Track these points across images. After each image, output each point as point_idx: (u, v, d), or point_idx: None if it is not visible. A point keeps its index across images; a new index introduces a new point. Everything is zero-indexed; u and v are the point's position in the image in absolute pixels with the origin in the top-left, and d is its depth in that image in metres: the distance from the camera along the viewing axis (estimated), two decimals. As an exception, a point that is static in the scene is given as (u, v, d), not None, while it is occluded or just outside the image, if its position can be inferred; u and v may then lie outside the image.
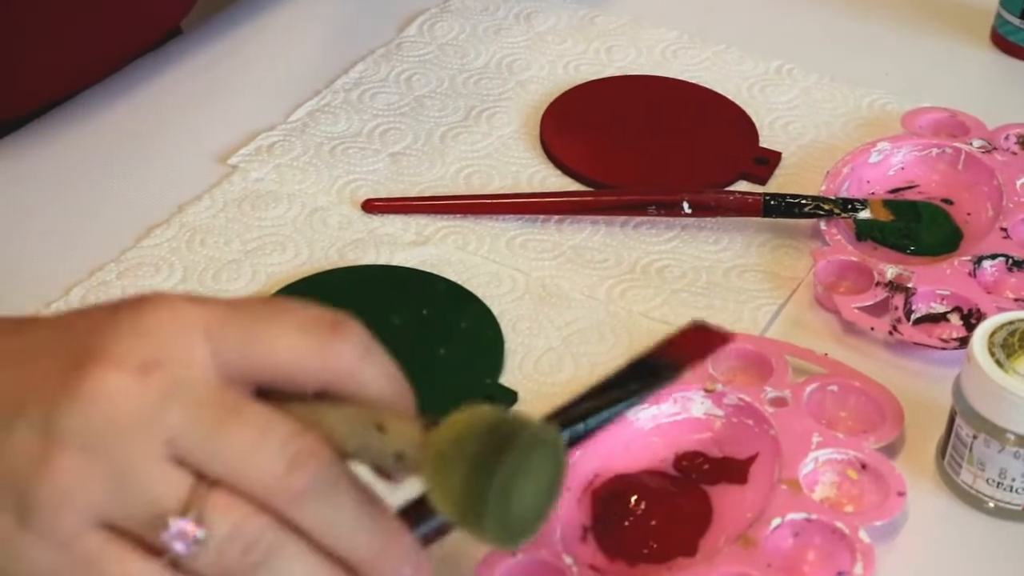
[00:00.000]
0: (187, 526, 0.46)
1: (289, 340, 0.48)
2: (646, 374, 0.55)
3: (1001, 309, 0.71)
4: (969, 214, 0.80)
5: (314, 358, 0.49)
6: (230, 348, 0.48)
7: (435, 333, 0.72)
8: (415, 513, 0.51)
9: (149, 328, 0.48)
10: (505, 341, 0.72)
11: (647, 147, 0.86)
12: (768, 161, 0.84)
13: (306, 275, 0.75)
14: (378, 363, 0.51)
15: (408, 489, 0.50)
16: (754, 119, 0.88)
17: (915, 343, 0.71)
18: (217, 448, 0.47)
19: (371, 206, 0.80)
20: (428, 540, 0.51)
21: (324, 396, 0.49)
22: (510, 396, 0.69)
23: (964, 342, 0.70)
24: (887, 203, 0.79)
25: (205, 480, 0.47)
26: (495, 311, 0.73)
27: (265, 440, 0.47)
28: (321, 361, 0.49)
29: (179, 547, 0.46)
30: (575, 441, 0.53)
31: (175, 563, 0.47)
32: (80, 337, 0.48)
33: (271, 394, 0.49)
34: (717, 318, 0.73)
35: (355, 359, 0.49)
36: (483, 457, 0.46)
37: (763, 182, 0.83)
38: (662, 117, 0.88)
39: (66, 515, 0.47)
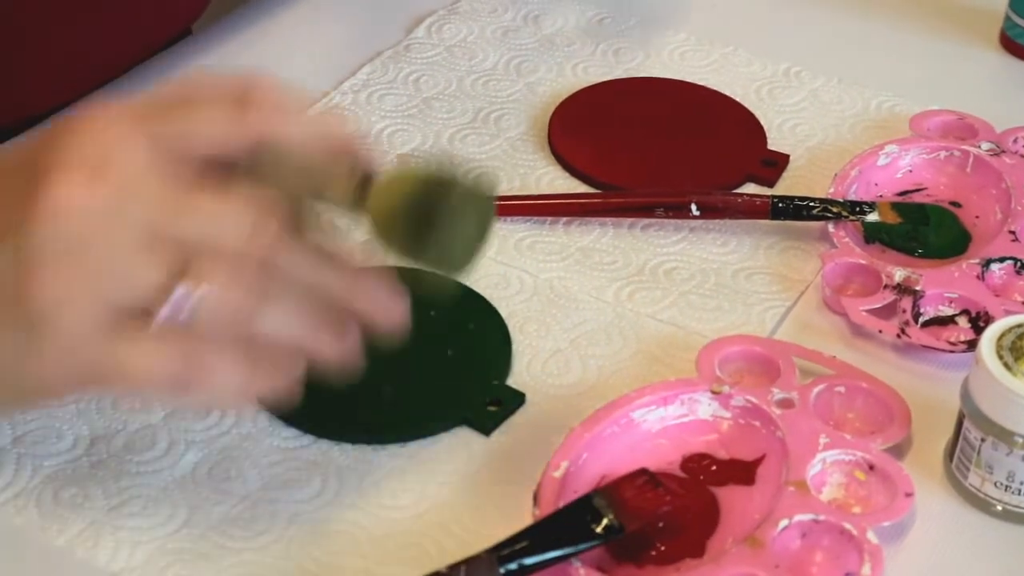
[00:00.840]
0: (180, 297, 0.52)
1: (208, 115, 0.54)
2: (586, 518, 0.60)
3: (1009, 312, 0.70)
4: (977, 217, 0.80)
5: (235, 125, 0.54)
6: (161, 136, 0.53)
7: (443, 334, 0.72)
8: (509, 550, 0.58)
9: (87, 139, 0.52)
10: (513, 342, 0.72)
11: (655, 149, 0.86)
12: (776, 163, 0.84)
13: None
14: (293, 114, 0.56)
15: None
16: (762, 121, 0.88)
17: (923, 346, 0.71)
18: (185, 224, 0.52)
19: (379, 207, 0.80)
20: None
21: (259, 167, 0.55)
22: (518, 398, 0.69)
23: (972, 345, 0.70)
24: (895, 206, 0.79)
25: (182, 257, 0.52)
26: (503, 313, 0.73)
27: (227, 207, 0.53)
28: (242, 126, 0.54)
29: (178, 317, 0.52)
30: None
31: (178, 333, 0.52)
32: (29, 169, 0.52)
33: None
34: (725, 320, 0.74)
35: (270, 116, 0.55)
36: (418, 225, 0.55)
37: (771, 184, 0.83)
38: (670, 119, 0.88)
39: (65, 321, 0.52)
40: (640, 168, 0.84)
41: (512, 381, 0.70)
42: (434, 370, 0.70)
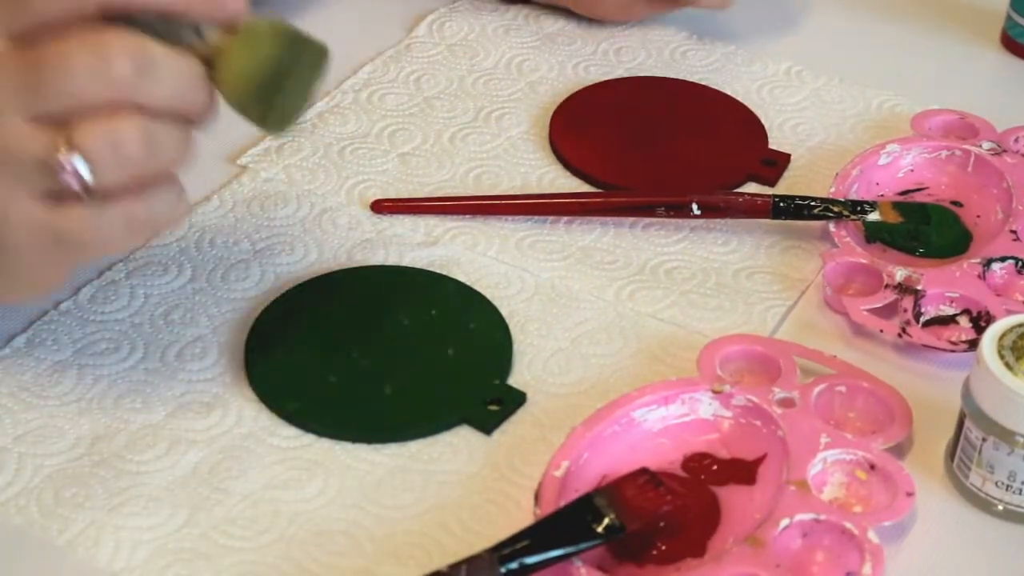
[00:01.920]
0: (64, 159, 0.55)
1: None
2: (587, 517, 0.60)
3: (1010, 312, 0.70)
4: (978, 216, 0.80)
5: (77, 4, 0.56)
6: (10, 23, 0.57)
7: (444, 334, 0.72)
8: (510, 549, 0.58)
9: None
10: (514, 342, 0.72)
11: (656, 148, 0.86)
12: (777, 163, 0.84)
13: (315, 275, 0.75)
14: None
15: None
16: (763, 121, 0.88)
17: (924, 345, 0.71)
18: (48, 90, 0.55)
19: (380, 207, 0.80)
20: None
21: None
22: (519, 397, 0.69)
23: (973, 344, 0.70)
24: (896, 205, 0.79)
25: (64, 120, 0.56)
26: (504, 312, 0.73)
27: (77, 58, 0.55)
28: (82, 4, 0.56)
29: (80, 180, 0.56)
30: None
31: (91, 193, 0.56)
32: None
33: None
34: (726, 320, 0.74)
35: None
36: (268, 91, 0.59)
37: (772, 184, 0.83)
38: (671, 118, 0.88)
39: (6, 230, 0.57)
40: (641, 167, 0.84)
41: (513, 380, 0.70)
42: (435, 369, 0.70)
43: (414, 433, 0.67)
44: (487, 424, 0.67)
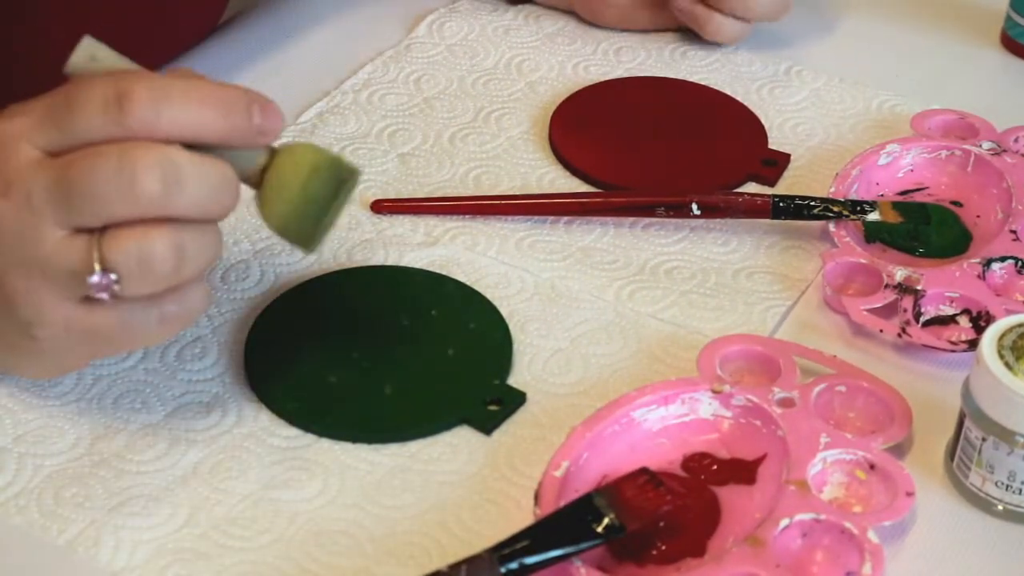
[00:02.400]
0: (96, 276, 0.57)
1: (92, 124, 0.57)
2: (587, 517, 0.60)
3: (1010, 311, 0.70)
4: (978, 216, 0.80)
5: (115, 128, 0.57)
6: (49, 141, 0.58)
7: (444, 334, 0.72)
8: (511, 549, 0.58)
9: None
10: (514, 342, 0.72)
11: (656, 149, 0.86)
12: (777, 163, 0.84)
13: (315, 275, 0.75)
14: (176, 106, 0.58)
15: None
16: (763, 120, 0.88)
17: (924, 345, 0.71)
18: (78, 205, 0.56)
19: (380, 207, 0.80)
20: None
21: None
22: (518, 397, 0.69)
23: (973, 344, 0.70)
24: (896, 205, 0.79)
25: (96, 233, 0.57)
26: (504, 312, 0.73)
27: (103, 174, 0.56)
28: (121, 131, 0.57)
29: (105, 293, 0.57)
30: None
31: (119, 300, 0.58)
32: None
33: None
34: (726, 320, 0.74)
35: (150, 120, 0.57)
36: (319, 200, 0.60)
37: (772, 184, 0.83)
38: (671, 119, 0.88)
39: (41, 316, 0.59)
40: (641, 168, 0.84)
41: (513, 380, 0.70)
42: (435, 370, 0.70)
43: (414, 433, 0.67)
44: (487, 424, 0.67)
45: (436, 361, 0.70)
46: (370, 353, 0.70)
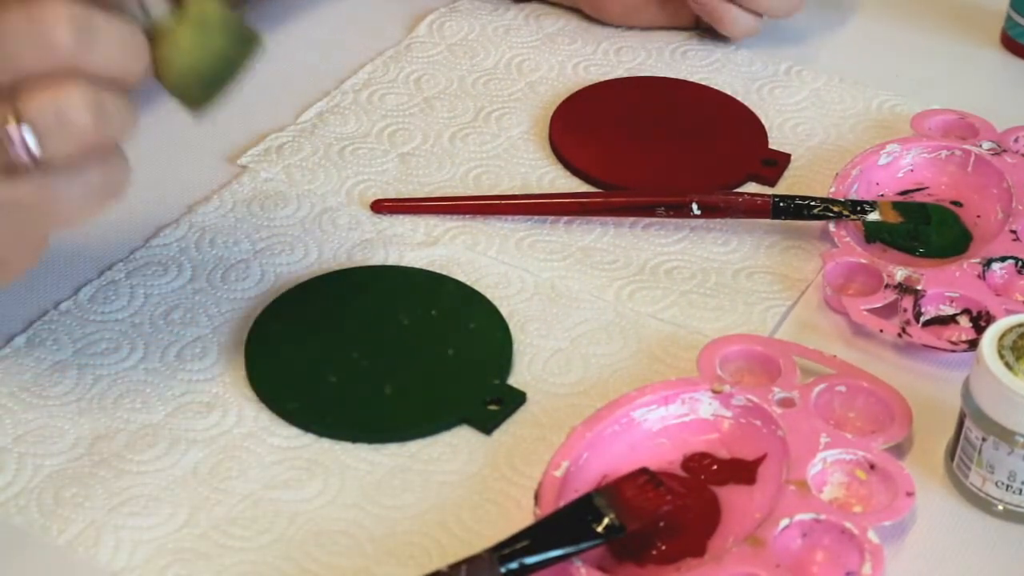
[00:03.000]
0: (13, 131, 0.55)
1: None
2: (587, 517, 0.60)
3: (1010, 311, 0.70)
4: (978, 216, 0.80)
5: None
6: None
7: (444, 333, 0.72)
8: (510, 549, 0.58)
9: None
10: (514, 341, 0.72)
11: (656, 148, 0.86)
12: (777, 163, 0.84)
13: (315, 275, 0.75)
14: None
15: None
16: (763, 120, 0.88)
17: (924, 345, 0.71)
18: None
19: (380, 207, 0.80)
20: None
21: None
22: (519, 397, 0.69)
23: (973, 344, 0.70)
24: (896, 205, 0.79)
25: (10, 95, 0.55)
26: (504, 312, 0.73)
27: (14, 25, 0.54)
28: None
29: (28, 151, 0.55)
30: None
31: (40, 168, 0.56)
32: None
33: None
34: (726, 320, 0.74)
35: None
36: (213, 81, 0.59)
37: (772, 184, 0.83)
38: (671, 118, 0.88)
39: None
40: (641, 167, 0.84)
41: (513, 380, 0.70)
42: (435, 369, 0.70)
43: (414, 433, 0.67)
44: (487, 424, 0.67)
45: (436, 361, 0.70)
46: (370, 353, 0.71)
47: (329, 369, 0.69)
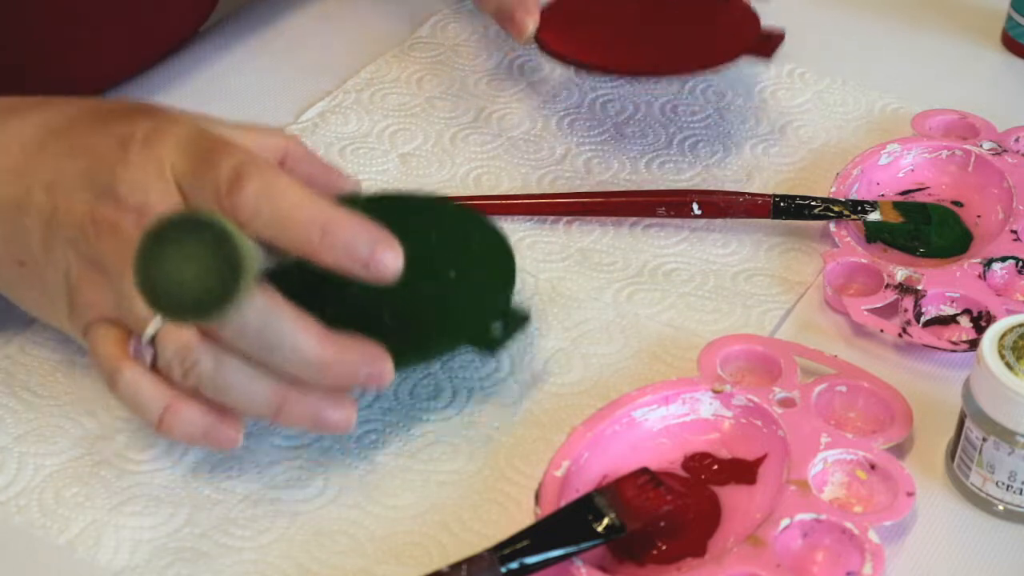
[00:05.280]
0: (144, 347, 0.59)
1: (206, 185, 0.59)
2: (588, 517, 0.60)
3: (1011, 312, 0.70)
4: (979, 216, 0.80)
5: (222, 201, 0.58)
6: (181, 178, 0.60)
7: (444, 256, 0.70)
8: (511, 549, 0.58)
9: (140, 175, 0.60)
10: (514, 341, 0.70)
11: (647, 32, 0.85)
12: (771, 38, 0.84)
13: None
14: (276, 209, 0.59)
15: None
16: (765, 121, 0.88)
17: (925, 345, 0.71)
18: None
19: (381, 207, 0.80)
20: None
21: None
22: (523, 316, 0.68)
23: (974, 344, 0.70)
24: (897, 205, 0.79)
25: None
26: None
27: None
28: (223, 206, 0.58)
29: (139, 356, 0.59)
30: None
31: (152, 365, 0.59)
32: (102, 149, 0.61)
33: None
34: (725, 322, 0.74)
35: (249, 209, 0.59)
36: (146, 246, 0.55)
37: (768, 55, 0.83)
38: (660, 6, 0.88)
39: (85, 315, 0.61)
40: (632, 49, 0.84)
41: (514, 379, 0.70)
42: (435, 294, 0.68)
43: (416, 358, 0.66)
44: (492, 345, 0.66)
45: (436, 285, 0.68)
46: (367, 284, 0.68)
47: (324, 301, 0.66)
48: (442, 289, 0.69)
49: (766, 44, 0.83)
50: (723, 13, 0.87)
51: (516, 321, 0.68)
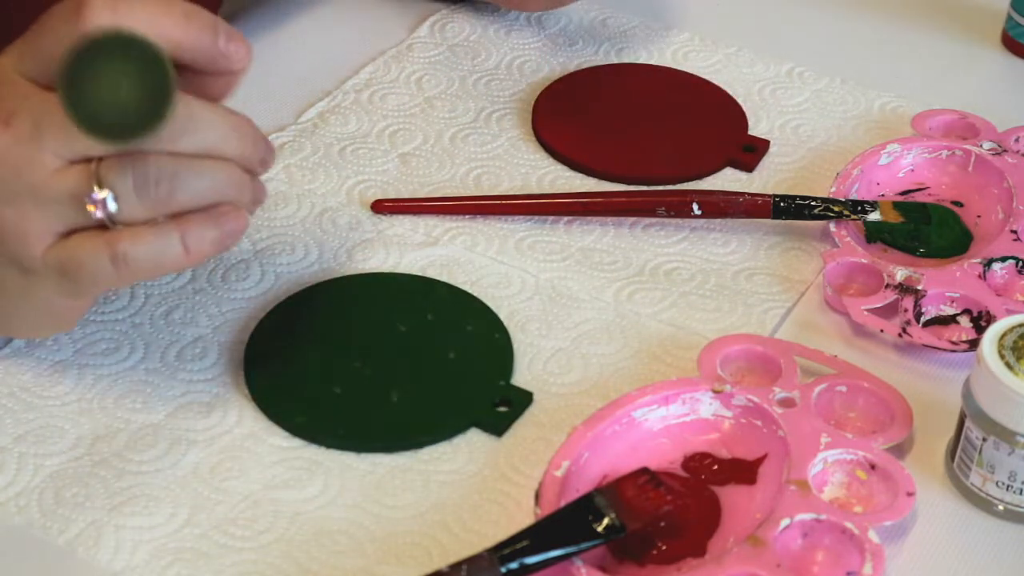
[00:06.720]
0: (96, 195, 0.57)
1: (56, 37, 0.57)
2: (588, 517, 0.60)
3: (1011, 311, 0.70)
4: (979, 216, 0.80)
5: (75, 33, 0.56)
6: (29, 67, 0.58)
7: (443, 337, 0.71)
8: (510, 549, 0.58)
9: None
10: (514, 342, 0.71)
11: (633, 134, 0.86)
12: (756, 148, 0.84)
13: (314, 276, 0.74)
14: (136, 9, 0.57)
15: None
16: (764, 121, 0.88)
17: (925, 345, 0.71)
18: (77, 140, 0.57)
19: (380, 207, 0.80)
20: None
21: None
22: (526, 397, 0.68)
23: (974, 344, 0.70)
24: (897, 205, 0.79)
25: (95, 160, 0.57)
26: (504, 312, 0.73)
27: None
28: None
29: (104, 212, 0.57)
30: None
31: (114, 223, 0.58)
32: None
33: None
34: (726, 321, 0.74)
35: (107, 20, 0.56)
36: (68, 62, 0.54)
37: (750, 170, 0.83)
38: (649, 104, 0.88)
39: (27, 248, 0.59)
40: (618, 153, 0.84)
41: (515, 380, 0.70)
42: (438, 374, 0.70)
43: (427, 440, 0.66)
44: (498, 426, 0.67)
45: (439, 366, 0.70)
46: (372, 361, 0.70)
47: (332, 380, 0.69)
48: (444, 370, 0.70)
49: (751, 155, 0.85)
50: (716, 113, 0.88)
51: (521, 402, 0.68)
